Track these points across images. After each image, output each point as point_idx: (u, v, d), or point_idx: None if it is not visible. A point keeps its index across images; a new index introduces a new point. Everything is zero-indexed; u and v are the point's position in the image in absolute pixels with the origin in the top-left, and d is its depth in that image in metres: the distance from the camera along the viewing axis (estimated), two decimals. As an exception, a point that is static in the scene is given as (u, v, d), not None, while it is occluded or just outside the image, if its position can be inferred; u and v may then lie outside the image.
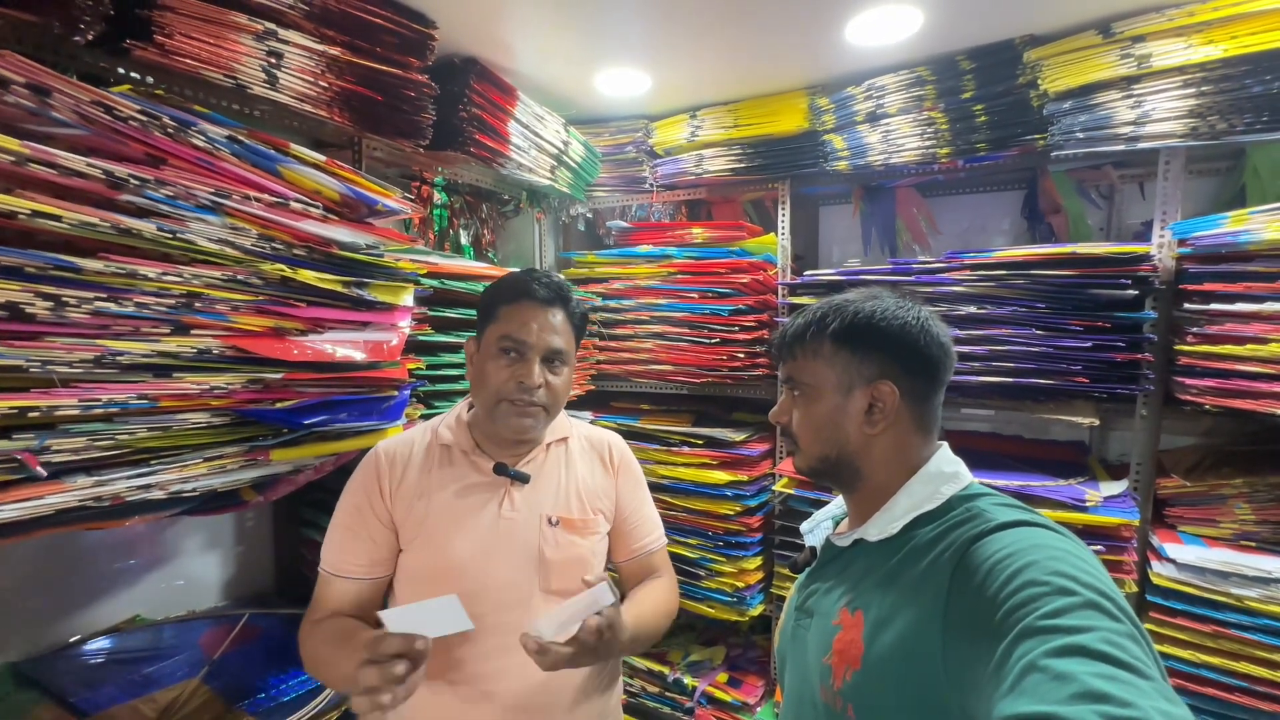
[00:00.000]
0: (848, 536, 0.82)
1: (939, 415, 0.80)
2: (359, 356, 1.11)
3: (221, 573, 1.55)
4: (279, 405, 1.02)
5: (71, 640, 1.27)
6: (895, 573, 0.71)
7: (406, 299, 1.25)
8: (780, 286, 1.83)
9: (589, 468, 1.11)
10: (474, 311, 1.52)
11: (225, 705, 1.15)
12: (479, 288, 1.53)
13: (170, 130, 0.87)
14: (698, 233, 1.96)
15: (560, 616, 0.81)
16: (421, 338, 1.39)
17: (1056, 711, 0.45)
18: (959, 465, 0.78)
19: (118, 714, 1.10)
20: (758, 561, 1.81)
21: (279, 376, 1.01)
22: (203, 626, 1.39)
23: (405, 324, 1.24)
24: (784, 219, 1.86)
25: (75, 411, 0.80)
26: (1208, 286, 1.30)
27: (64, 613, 1.27)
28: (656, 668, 1.93)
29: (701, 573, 1.84)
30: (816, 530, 0.93)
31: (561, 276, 1.09)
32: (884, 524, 0.76)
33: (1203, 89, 1.29)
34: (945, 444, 0.81)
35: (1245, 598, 1.23)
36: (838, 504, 0.93)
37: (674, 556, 1.84)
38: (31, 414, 0.76)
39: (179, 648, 1.30)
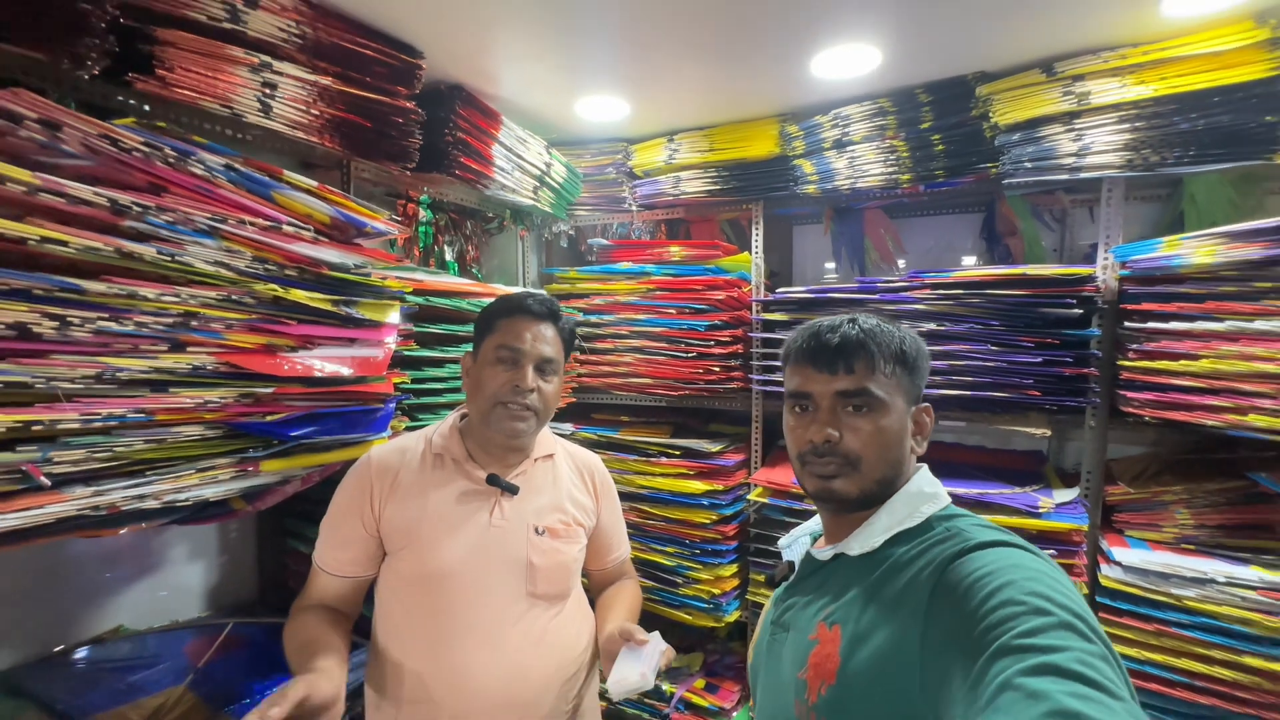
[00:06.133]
0: (827, 550, 0.82)
1: None
2: (346, 371, 1.17)
3: (205, 583, 1.57)
4: (269, 418, 1.07)
5: (55, 650, 1.29)
6: (874, 589, 0.72)
7: (393, 316, 1.30)
8: (754, 303, 1.91)
9: (573, 484, 1.20)
10: (458, 327, 1.59)
11: (211, 711, 1.18)
12: (463, 304, 1.59)
13: (171, 160, 0.92)
14: (675, 251, 2.03)
15: (653, 665, 0.95)
16: (407, 353, 1.44)
17: None
18: (938, 486, 0.80)
19: (104, 720, 1.12)
20: (733, 569, 1.87)
21: (270, 391, 1.06)
22: (187, 636, 1.41)
23: (391, 340, 1.29)
24: (757, 238, 1.95)
25: (76, 425, 0.84)
26: (1145, 306, 1.40)
27: (47, 623, 1.29)
28: (636, 674, 1.97)
29: (679, 580, 1.90)
30: (795, 545, 0.94)
31: (551, 296, 1.18)
32: (865, 539, 0.77)
33: (1136, 124, 1.40)
34: (925, 465, 0.83)
35: (1184, 597, 1.30)
36: (816, 521, 0.94)
37: (652, 564, 1.91)
38: (35, 427, 0.80)
39: (164, 656, 1.32)
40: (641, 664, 0.93)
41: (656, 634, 1.00)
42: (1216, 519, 1.40)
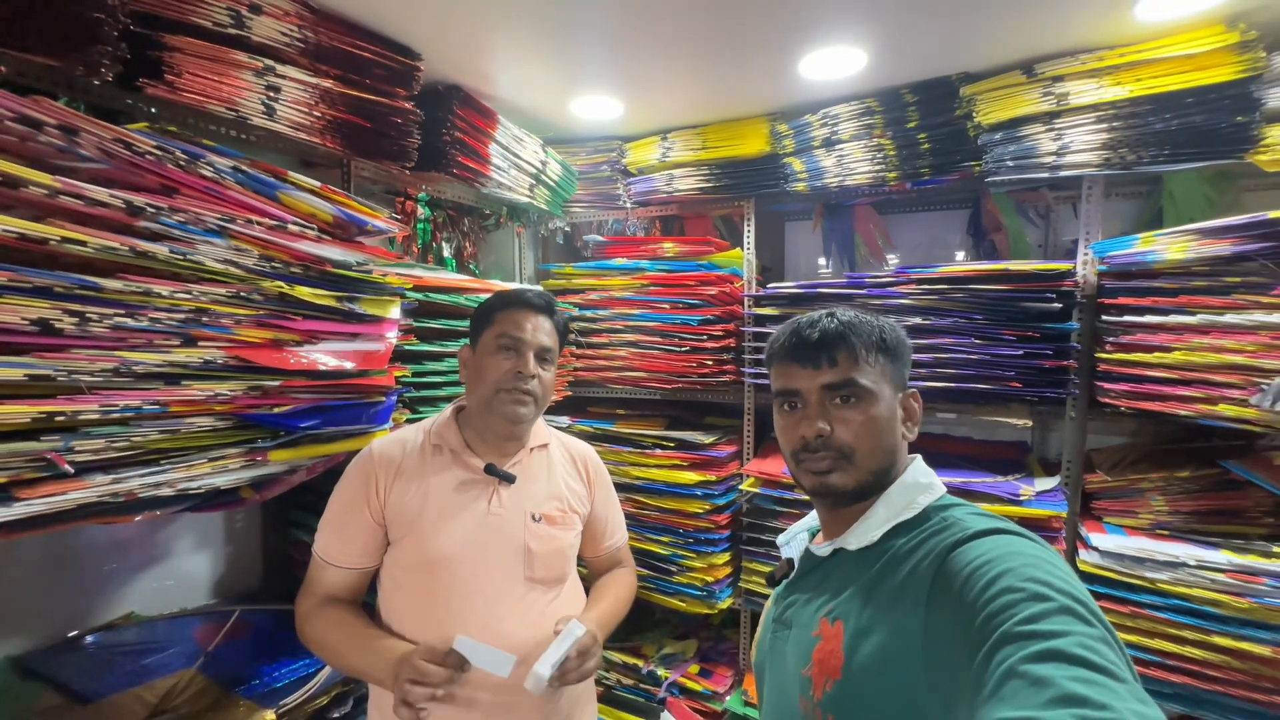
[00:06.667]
0: (826, 546, 0.82)
1: None
2: (350, 365, 1.21)
3: (211, 572, 1.61)
4: (277, 410, 1.11)
5: (70, 635, 1.33)
6: (875, 582, 0.72)
7: (394, 311, 1.35)
8: (746, 298, 1.96)
9: (567, 473, 1.24)
10: (456, 322, 1.63)
11: (221, 691, 1.22)
12: (461, 300, 1.63)
13: (182, 163, 0.96)
14: (669, 247, 2.08)
15: (552, 659, 0.96)
16: (407, 347, 1.48)
17: (1037, 716, 0.46)
18: (933, 477, 0.80)
19: (119, 701, 1.16)
20: (726, 557, 1.92)
21: (277, 384, 1.10)
22: (195, 622, 1.46)
23: (392, 335, 1.33)
24: (749, 235, 1.99)
25: (96, 416, 0.88)
26: (1122, 300, 1.45)
27: (60, 610, 1.33)
28: (632, 661, 2.02)
29: (673, 568, 1.94)
30: (793, 542, 0.93)
31: (546, 291, 1.23)
32: (863, 533, 0.77)
33: (1114, 124, 1.44)
34: (919, 456, 0.83)
35: (1158, 580, 1.35)
36: (813, 517, 0.94)
37: (647, 553, 1.96)
38: (58, 418, 0.84)
39: (174, 641, 1.36)
40: (546, 659, 0.95)
41: (574, 621, 1.01)
42: (1190, 505, 1.45)
